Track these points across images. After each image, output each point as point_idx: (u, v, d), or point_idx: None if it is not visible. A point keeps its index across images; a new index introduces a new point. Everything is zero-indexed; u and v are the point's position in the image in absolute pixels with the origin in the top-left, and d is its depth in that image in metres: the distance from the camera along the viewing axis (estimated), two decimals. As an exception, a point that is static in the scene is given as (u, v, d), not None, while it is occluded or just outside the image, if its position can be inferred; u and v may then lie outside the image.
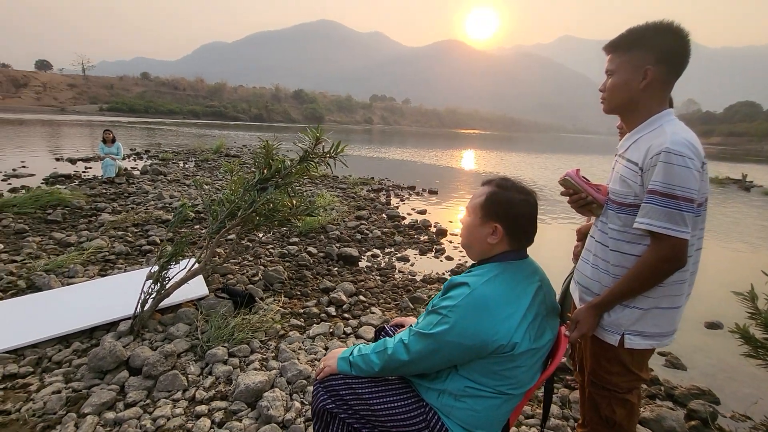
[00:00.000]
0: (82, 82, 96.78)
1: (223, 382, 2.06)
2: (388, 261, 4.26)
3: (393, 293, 3.40)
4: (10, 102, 71.38)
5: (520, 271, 1.14)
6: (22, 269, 3.36)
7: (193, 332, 2.45)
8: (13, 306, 2.62)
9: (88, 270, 3.44)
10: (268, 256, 4.01)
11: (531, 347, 1.06)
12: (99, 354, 2.08)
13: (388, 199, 7.69)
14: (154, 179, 8.27)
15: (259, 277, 3.44)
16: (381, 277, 3.78)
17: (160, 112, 77.75)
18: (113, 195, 6.53)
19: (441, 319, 1.06)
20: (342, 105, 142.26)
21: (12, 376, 2.04)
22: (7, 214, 4.92)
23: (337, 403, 1.21)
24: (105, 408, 1.83)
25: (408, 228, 5.55)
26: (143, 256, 3.90)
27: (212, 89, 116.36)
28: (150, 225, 4.83)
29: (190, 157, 12.86)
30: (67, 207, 5.43)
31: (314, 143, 3.03)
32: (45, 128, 26.32)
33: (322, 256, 4.10)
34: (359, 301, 3.13)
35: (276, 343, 2.46)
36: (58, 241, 4.13)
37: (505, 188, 1.15)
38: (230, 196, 3.04)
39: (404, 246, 4.81)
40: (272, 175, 3.05)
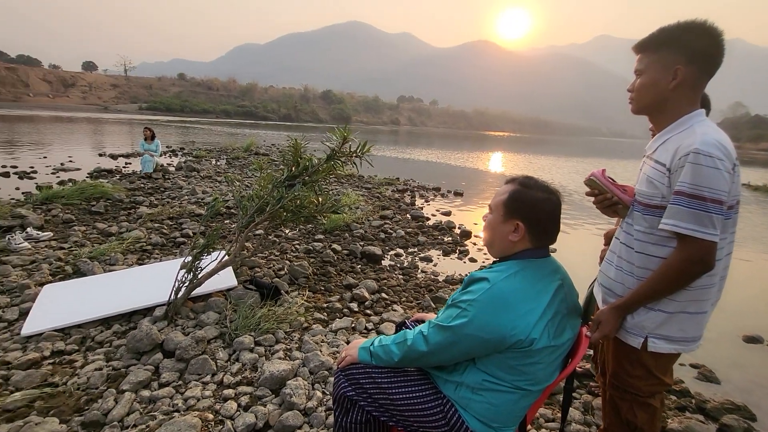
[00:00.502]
0: (124, 83, 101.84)
1: (249, 368, 2.15)
2: (411, 261, 4.28)
3: (415, 292, 3.42)
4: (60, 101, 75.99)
5: (541, 269, 1.15)
6: (69, 256, 3.61)
7: (222, 320, 2.56)
8: (61, 289, 2.82)
9: (127, 258, 3.65)
10: (293, 252, 4.12)
11: (550, 344, 1.07)
12: (137, 336, 2.21)
13: (412, 200, 7.71)
14: (188, 175, 8.63)
15: (285, 271, 3.55)
16: (403, 276, 3.81)
17: (194, 111, 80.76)
18: (150, 189, 6.87)
19: (460, 312, 1.09)
20: (369, 106, 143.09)
21: (60, 353, 2.21)
22: (57, 205, 5.28)
23: (357, 390, 1.26)
24: (141, 386, 1.95)
25: (432, 229, 5.55)
26: (177, 248, 4.10)
27: (244, 89, 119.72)
28: (184, 218, 5.05)
29: (222, 154, 13.32)
30: (109, 200, 5.76)
31: (341, 142, 3.10)
32: (90, 125, 27.91)
33: (346, 254, 4.17)
34: (381, 299, 3.17)
35: (300, 334, 2.54)
36: (101, 231, 4.40)
37: (528, 186, 1.16)
38: (259, 192, 3.16)
39: (428, 246, 4.82)
40: (300, 172, 3.15)
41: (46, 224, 4.54)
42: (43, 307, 2.56)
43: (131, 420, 1.73)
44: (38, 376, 1.97)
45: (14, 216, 4.47)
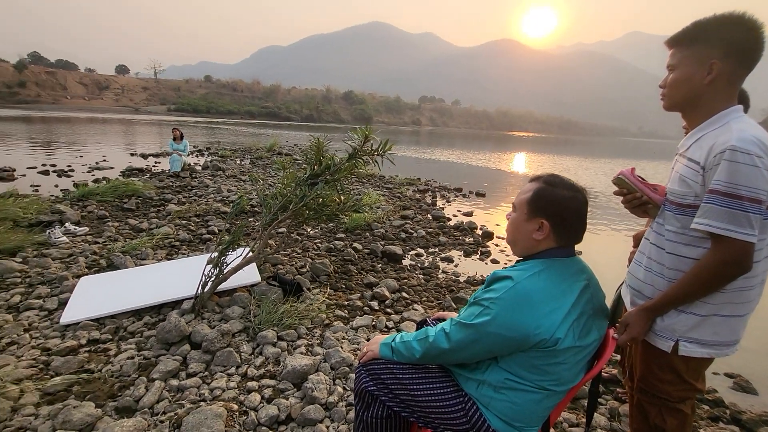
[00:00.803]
0: (154, 85, 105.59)
1: (272, 362, 2.20)
2: (432, 261, 4.27)
3: (436, 292, 3.41)
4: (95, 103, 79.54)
5: (567, 268, 1.13)
6: (103, 250, 3.78)
7: (246, 315, 2.63)
8: (96, 281, 2.96)
9: (157, 253, 3.79)
10: (315, 250, 4.18)
11: (575, 345, 1.05)
12: (166, 327, 2.30)
13: (434, 200, 7.68)
14: (214, 174, 8.88)
15: (307, 268, 3.60)
16: (424, 275, 3.80)
17: (220, 112, 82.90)
18: (178, 188, 7.11)
19: (483, 310, 1.08)
20: (390, 106, 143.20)
21: (95, 341, 2.32)
22: (92, 202, 5.54)
23: (378, 386, 1.27)
24: (170, 375, 2.03)
25: (453, 229, 5.51)
26: (203, 244, 4.22)
27: (267, 91, 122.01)
28: (210, 216, 5.20)
29: (246, 154, 13.62)
30: (140, 197, 6.00)
31: (363, 141, 3.12)
32: (122, 126, 29.08)
33: (367, 253, 4.20)
34: (402, 298, 3.18)
35: (321, 331, 2.57)
36: (133, 227, 4.58)
37: (553, 184, 1.15)
38: (283, 190, 3.22)
39: (449, 247, 4.79)
40: (322, 171, 3.19)
41: (83, 220, 4.77)
42: (79, 298, 2.69)
43: (161, 407, 1.80)
44: (75, 362, 2.07)
45: (54, 212, 4.71)
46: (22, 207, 4.68)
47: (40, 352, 2.17)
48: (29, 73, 78.03)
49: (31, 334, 2.35)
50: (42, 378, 1.96)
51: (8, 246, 3.57)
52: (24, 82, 74.25)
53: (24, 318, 2.51)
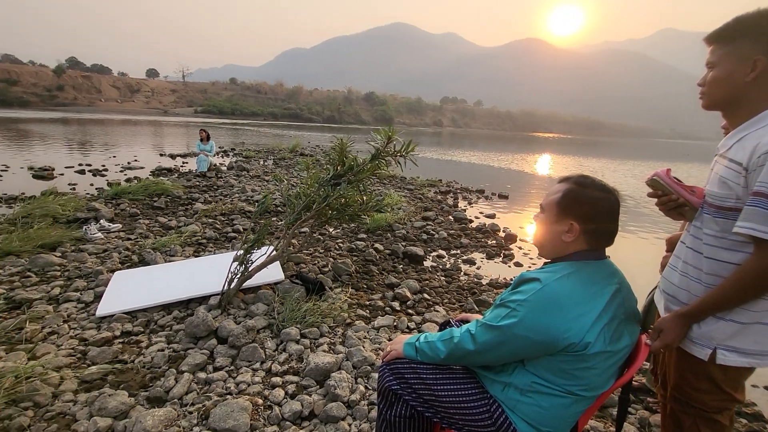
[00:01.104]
0: (182, 88, 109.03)
1: (295, 359, 2.24)
2: (454, 262, 4.24)
3: (458, 294, 3.39)
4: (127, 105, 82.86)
5: (597, 271, 1.10)
6: (135, 246, 3.94)
7: (270, 312, 2.68)
8: (129, 275, 3.08)
9: (185, 250, 3.91)
10: (337, 250, 4.22)
11: (605, 349, 1.03)
12: (194, 322, 2.37)
13: (455, 202, 7.62)
14: (238, 174, 9.09)
15: (329, 268, 3.64)
16: (446, 277, 3.78)
17: (244, 114, 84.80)
18: (205, 187, 7.32)
19: (509, 312, 1.07)
20: (411, 107, 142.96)
21: (128, 333, 2.42)
22: (124, 200, 5.78)
23: (401, 385, 1.27)
24: (198, 368, 2.09)
25: (475, 231, 5.45)
26: (229, 242, 4.33)
27: (290, 92, 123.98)
28: (235, 215, 5.33)
29: (269, 155, 13.89)
30: (169, 196, 6.21)
31: (386, 142, 3.14)
32: (152, 128, 30.17)
33: (388, 253, 4.21)
34: (423, 299, 3.17)
35: (343, 330, 2.60)
36: (162, 225, 4.75)
37: (584, 185, 1.12)
38: (306, 190, 3.27)
39: (471, 249, 4.75)
40: (345, 171, 3.23)
41: (116, 217, 4.98)
42: (114, 292, 2.81)
43: (189, 399, 1.86)
44: (110, 353, 2.17)
45: (89, 209, 4.94)
46: (61, 204, 4.92)
47: (78, 342, 2.28)
48: (67, 77, 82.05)
49: (70, 324, 2.47)
50: (80, 366, 2.06)
51: (49, 241, 3.77)
52: (62, 86, 78.12)
53: (63, 309, 2.64)
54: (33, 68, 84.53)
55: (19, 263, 3.34)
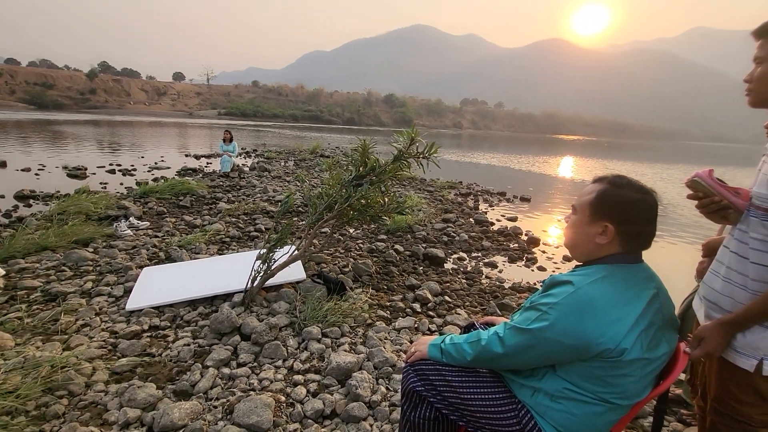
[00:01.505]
0: (206, 90, 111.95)
1: (316, 357, 2.25)
2: (475, 265, 4.18)
3: (479, 297, 3.34)
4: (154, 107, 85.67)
5: (633, 275, 1.06)
6: (162, 243, 4.05)
7: (292, 310, 2.70)
8: (156, 272, 3.17)
9: (210, 248, 4.00)
10: (357, 250, 4.23)
11: (642, 356, 0.98)
12: (218, 318, 2.42)
13: (476, 204, 7.53)
14: (260, 175, 9.25)
15: (350, 268, 3.65)
16: (467, 280, 3.73)
17: (265, 116, 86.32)
18: (228, 187, 7.47)
19: (540, 315, 1.04)
20: (431, 109, 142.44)
21: (155, 328, 2.48)
22: (152, 198, 5.96)
23: (426, 387, 1.26)
24: (222, 364, 2.13)
25: (497, 234, 5.37)
26: (251, 241, 4.40)
27: (310, 95, 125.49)
28: (257, 215, 5.43)
29: (290, 156, 14.08)
30: (194, 195, 6.37)
31: (408, 143, 3.13)
32: (177, 129, 31.07)
33: (409, 255, 4.19)
34: (444, 301, 3.14)
35: (363, 330, 2.60)
36: (188, 223, 4.87)
37: (620, 186, 1.08)
38: (328, 190, 3.29)
39: (492, 252, 4.67)
40: (367, 172, 3.23)
41: (144, 215, 5.14)
42: (142, 287, 2.90)
43: (214, 393, 1.89)
44: (139, 346, 2.23)
45: (119, 207, 5.12)
46: (93, 202, 5.12)
47: (109, 334, 2.36)
48: (99, 81, 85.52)
49: (101, 317, 2.56)
50: (111, 358, 2.13)
51: (82, 237, 3.92)
52: (94, 90, 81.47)
53: (95, 303, 2.73)
54: (68, 72, 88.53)
55: (54, 258, 3.48)
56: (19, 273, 3.18)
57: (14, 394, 1.72)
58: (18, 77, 72.72)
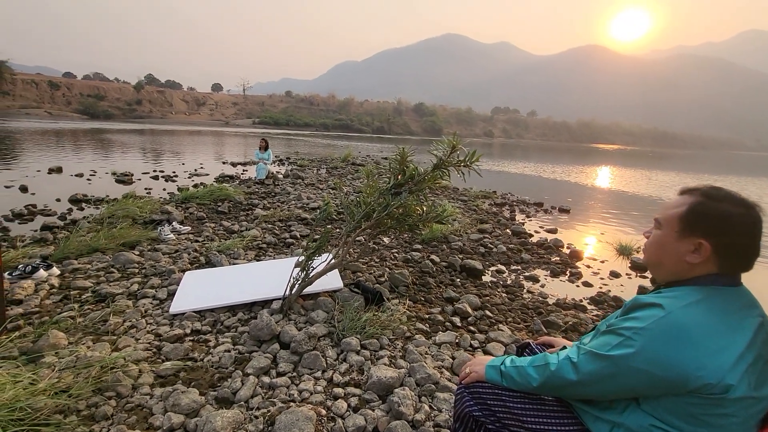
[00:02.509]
0: (242, 101, 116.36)
1: (356, 370, 2.19)
2: (515, 279, 4.01)
3: (522, 313, 3.18)
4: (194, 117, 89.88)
5: (733, 300, 0.93)
6: (202, 248, 4.15)
7: (329, 320, 2.67)
8: (197, 276, 3.23)
9: (247, 254, 4.06)
10: (392, 260, 4.17)
11: (750, 395, 0.85)
12: (258, 325, 2.41)
13: (512, 215, 7.29)
14: (294, 182, 9.41)
15: (386, 278, 3.59)
16: (507, 294, 3.58)
17: (297, 125, 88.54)
18: (263, 194, 7.63)
19: (623, 341, 0.93)
20: (461, 118, 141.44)
21: (197, 332, 2.51)
22: (192, 204, 6.16)
23: (483, 411, 1.17)
24: (262, 372, 2.11)
25: (536, 246, 5.15)
26: (287, 248, 4.44)
27: (341, 104, 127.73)
28: (292, 221, 5.48)
29: (322, 164, 14.28)
30: (231, 201, 6.54)
31: (450, 151, 3.06)
32: (215, 138, 32.36)
33: (445, 266, 4.08)
34: (485, 316, 3.01)
35: (402, 343, 2.52)
36: (226, 229, 4.98)
37: (716, 198, 0.96)
38: (366, 198, 3.26)
39: (532, 265, 4.48)
40: (405, 181, 3.18)
41: (186, 219, 5.31)
42: (185, 291, 2.95)
43: (255, 402, 1.87)
44: (182, 350, 2.25)
45: (163, 212, 5.32)
46: (139, 207, 5.35)
47: (154, 337, 2.40)
48: (145, 92, 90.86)
49: (147, 320, 2.61)
50: (155, 361, 2.16)
51: (129, 240, 4.08)
52: (140, 100, 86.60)
53: (141, 305, 2.81)
54: (117, 85, 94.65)
55: (104, 259, 3.63)
56: (72, 273, 3.33)
57: (67, 393, 1.76)
58: (74, 89, 78.45)
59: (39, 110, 60.74)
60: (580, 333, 2.88)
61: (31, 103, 64.90)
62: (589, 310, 3.38)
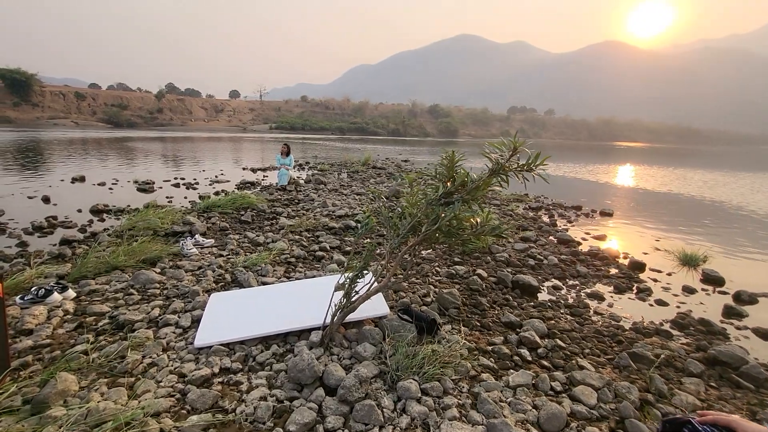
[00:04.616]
0: (259, 106, 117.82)
1: (420, 425, 1.79)
2: (576, 297, 3.53)
3: (599, 342, 2.71)
4: (212, 124, 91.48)
5: None
6: (227, 264, 3.82)
7: (378, 354, 2.28)
8: (224, 300, 2.88)
9: (276, 270, 3.70)
10: (435, 275, 3.75)
11: None
12: (298, 366, 2.03)
13: (552, 220, 6.75)
14: (317, 188, 9.09)
15: (432, 298, 3.18)
16: (573, 316, 3.11)
17: (313, 129, 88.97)
18: (286, 201, 7.33)
19: None
20: (477, 118, 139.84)
21: (226, 370, 2.15)
22: (215, 213, 5.88)
23: None
24: (307, 429, 1.73)
25: (590, 257, 4.64)
26: (318, 261, 4.07)
27: (356, 107, 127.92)
28: (319, 231, 5.13)
29: (342, 168, 13.97)
30: (254, 209, 6.25)
31: (510, 153, 2.64)
32: (233, 144, 32.57)
33: (494, 282, 3.65)
34: (557, 347, 2.56)
35: (468, 385, 2.10)
36: (251, 240, 4.66)
37: None
38: (411, 209, 2.87)
39: (591, 279, 3.98)
40: (456, 188, 2.77)
41: (208, 231, 5.02)
42: (210, 318, 2.61)
43: (303, 477, 1.48)
44: (210, 397, 1.89)
45: (185, 222, 5.04)
46: (160, 217, 5.09)
47: (177, 378, 2.05)
48: (165, 101, 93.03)
49: (169, 354, 2.27)
50: (179, 412, 1.81)
51: (150, 256, 3.79)
52: (161, 109, 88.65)
53: (162, 335, 2.48)
54: (140, 94, 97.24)
55: (123, 279, 3.34)
56: (88, 296, 3.04)
57: (73, 466, 1.41)
58: (99, 99, 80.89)
59: (66, 120, 62.76)
60: (677, 369, 2.40)
61: (59, 114, 67.15)
62: (675, 336, 2.89)
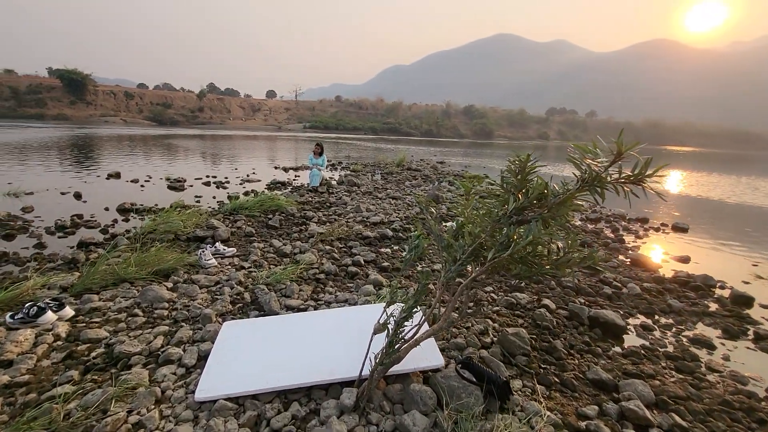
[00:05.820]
0: (294, 106, 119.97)
1: None
2: (677, 343, 2.76)
3: (730, 419, 1.97)
4: (249, 123, 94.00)
5: None
6: (248, 279, 3.35)
7: (432, 430, 1.68)
8: (238, 331, 2.36)
9: (302, 291, 3.18)
10: (492, 305, 3.10)
11: None
12: (325, 449, 1.47)
13: (618, 235, 5.84)
14: (350, 190, 8.59)
15: (491, 338, 2.54)
16: (681, 373, 2.37)
17: (347, 129, 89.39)
18: (317, 204, 6.86)
19: None
20: (513, 120, 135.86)
21: (231, 444, 1.63)
22: (241, 216, 5.48)
23: None
24: None
25: (679, 286, 3.81)
26: (351, 280, 3.52)
27: (389, 108, 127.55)
28: (352, 241, 4.59)
29: (376, 169, 13.44)
30: (283, 213, 5.80)
31: (612, 160, 1.99)
32: (267, 142, 32.93)
33: (566, 316, 2.95)
34: (676, 426, 1.85)
35: (564, 491, 1.46)
36: (276, 250, 4.18)
37: None
38: (472, 228, 2.25)
39: (688, 317, 3.18)
40: (530, 203, 2.13)
41: (232, 236, 4.60)
42: (219, 357, 2.10)
43: None
44: (203, 492, 1.36)
45: (208, 226, 4.65)
46: (183, 220, 4.72)
47: (166, 451, 1.55)
48: (206, 100, 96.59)
49: (162, 410, 1.78)
50: None
51: (164, 267, 3.37)
52: (202, 108, 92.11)
53: (159, 377, 1.99)
54: (183, 93, 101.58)
55: (130, 294, 2.92)
56: (88, 315, 2.63)
57: None
58: (146, 98, 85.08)
59: (116, 118, 66.33)
60: None
61: (110, 112, 71.10)
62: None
